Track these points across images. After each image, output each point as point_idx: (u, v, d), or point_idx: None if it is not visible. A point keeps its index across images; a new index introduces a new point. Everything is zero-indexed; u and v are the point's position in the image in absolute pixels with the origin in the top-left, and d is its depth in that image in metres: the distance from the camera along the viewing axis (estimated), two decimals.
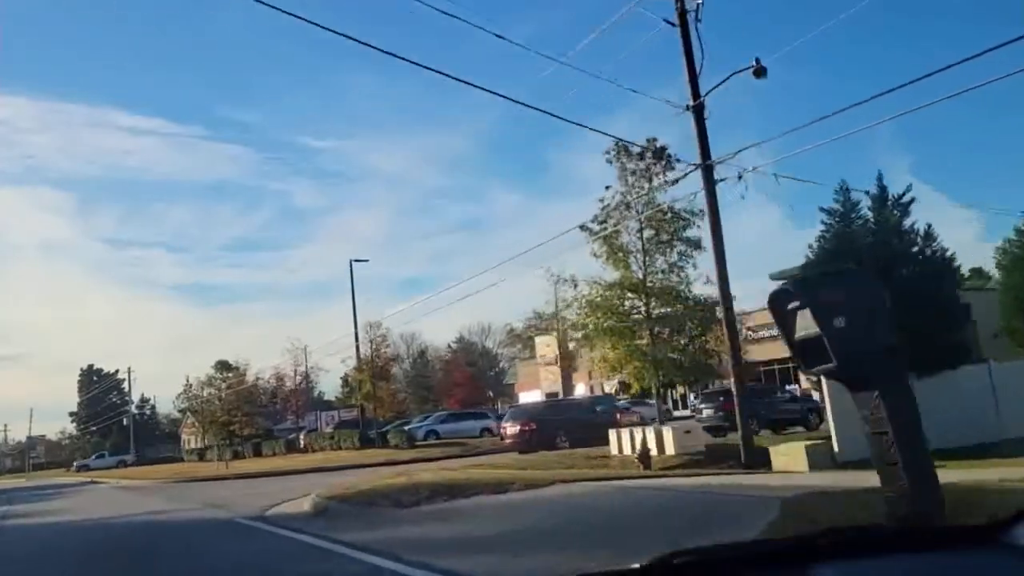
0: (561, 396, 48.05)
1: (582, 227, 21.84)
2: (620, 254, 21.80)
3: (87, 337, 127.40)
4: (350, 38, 21.67)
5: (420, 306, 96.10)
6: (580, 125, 30.39)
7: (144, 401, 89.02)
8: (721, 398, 25.11)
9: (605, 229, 22.16)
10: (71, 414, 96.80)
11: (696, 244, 21.65)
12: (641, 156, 22.40)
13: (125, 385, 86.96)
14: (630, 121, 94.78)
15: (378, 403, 35.96)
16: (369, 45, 17.75)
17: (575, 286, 22.61)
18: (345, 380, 77.70)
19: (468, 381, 65.21)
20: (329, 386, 76.37)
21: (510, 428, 25.18)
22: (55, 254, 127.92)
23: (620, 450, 19.82)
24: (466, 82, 15.29)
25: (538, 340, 60.79)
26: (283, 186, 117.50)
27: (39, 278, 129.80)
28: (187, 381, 59.40)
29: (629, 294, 21.85)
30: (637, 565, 1.81)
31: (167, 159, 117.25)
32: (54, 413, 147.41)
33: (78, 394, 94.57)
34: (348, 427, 44.36)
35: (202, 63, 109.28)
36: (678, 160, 22.56)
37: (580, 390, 58.28)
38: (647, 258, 22.04)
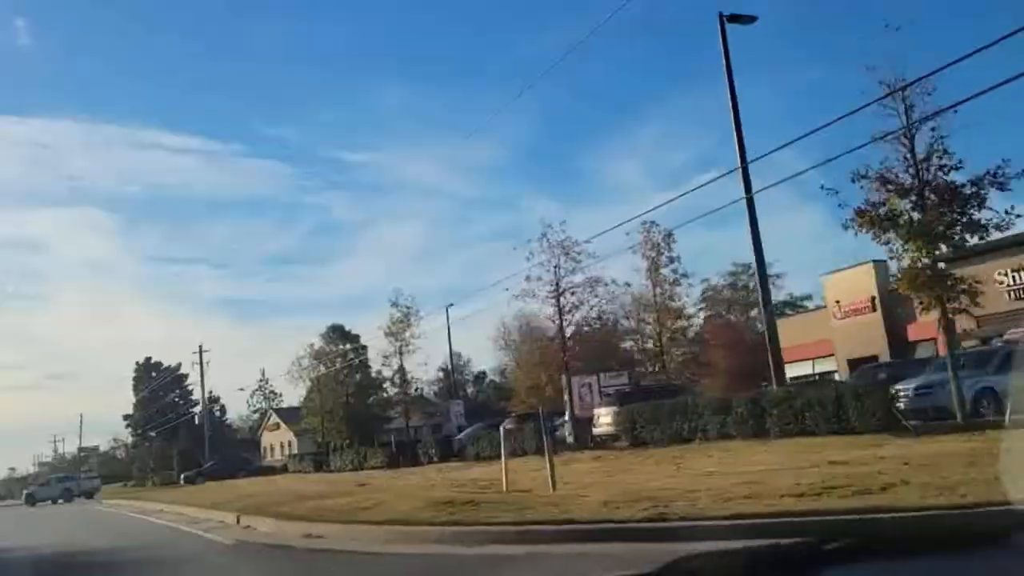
0: (879, 362, 30.03)
1: None
2: None
3: (134, 354, 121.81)
4: None
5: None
6: None
7: (213, 399, 72.72)
8: None
9: None
10: (125, 417, 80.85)
11: None
12: None
13: (188, 383, 72.63)
14: (663, 124, 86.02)
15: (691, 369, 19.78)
16: None
17: None
18: (445, 371, 61.13)
19: None
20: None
21: None
22: (101, 273, 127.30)
23: None
24: None
25: (832, 279, 35.99)
26: (320, 200, 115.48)
27: (87, 298, 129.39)
28: (262, 376, 45.27)
29: None
30: (649, 569, 1.77)
31: (208, 177, 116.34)
32: (107, 429, 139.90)
33: (133, 393, 78.59)
34: (534, 421, 27.99)
35: (238, 80, 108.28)
36: None
37: (924, 353, 27.88)
38: None
